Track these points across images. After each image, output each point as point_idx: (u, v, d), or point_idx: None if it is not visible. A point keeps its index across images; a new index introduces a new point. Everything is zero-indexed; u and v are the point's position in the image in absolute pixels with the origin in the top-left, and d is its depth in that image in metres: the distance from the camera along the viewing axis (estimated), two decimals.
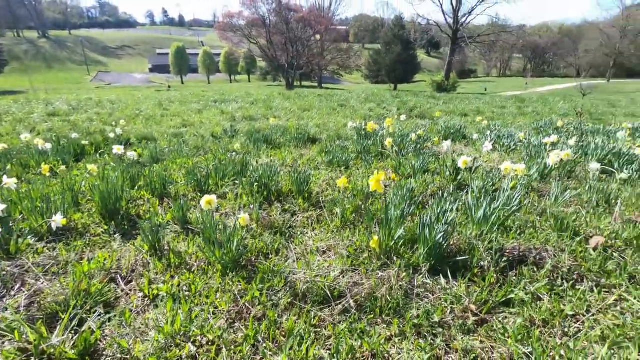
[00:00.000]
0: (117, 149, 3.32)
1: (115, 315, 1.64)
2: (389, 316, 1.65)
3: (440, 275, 1.90)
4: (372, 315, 1.65)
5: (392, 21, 58.14)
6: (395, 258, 2.04)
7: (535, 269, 1.95)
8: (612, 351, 1.40)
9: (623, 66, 61.37)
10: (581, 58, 66.22)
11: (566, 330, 1.55)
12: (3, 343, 1.46)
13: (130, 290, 1.89)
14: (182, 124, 7.91)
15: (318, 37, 40.39)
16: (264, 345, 1.49)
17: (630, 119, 9.72)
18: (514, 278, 1.88)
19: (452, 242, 2.14)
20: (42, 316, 1.61)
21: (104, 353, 1.46)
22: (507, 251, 2.10)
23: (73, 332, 1.51)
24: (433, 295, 1.79)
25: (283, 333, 1.56)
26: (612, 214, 2.63)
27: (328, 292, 1.78)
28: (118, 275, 1.99)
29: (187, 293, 1.82)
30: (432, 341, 1.51)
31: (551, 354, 1.40)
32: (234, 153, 4.84)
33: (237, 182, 3.35)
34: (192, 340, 1.50)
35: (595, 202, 2.86)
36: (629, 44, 57.89)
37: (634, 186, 3.24)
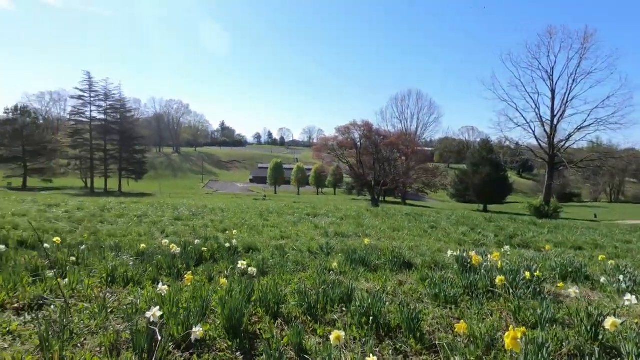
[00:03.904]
0: (241, 264, 3.74)
1: None
2: None
3: None
4: None
5: (479, 144, 59.35)
6: None
7: None
8: None
9: None
10: None
11: None
12: None
13: None
14: (280, 235, 8.57)
15: (404, 158, 42.82)
16: None
17: None
18: None
19: None
20: None
21: None
22: None
23: None
24: None
25: None
26: None
27: None
28: None
29: None
30: None
31: None
32: (331, 272, 4.99)
33: (344, 309, 3.38)
34: None
35: None
36: None
37: None
